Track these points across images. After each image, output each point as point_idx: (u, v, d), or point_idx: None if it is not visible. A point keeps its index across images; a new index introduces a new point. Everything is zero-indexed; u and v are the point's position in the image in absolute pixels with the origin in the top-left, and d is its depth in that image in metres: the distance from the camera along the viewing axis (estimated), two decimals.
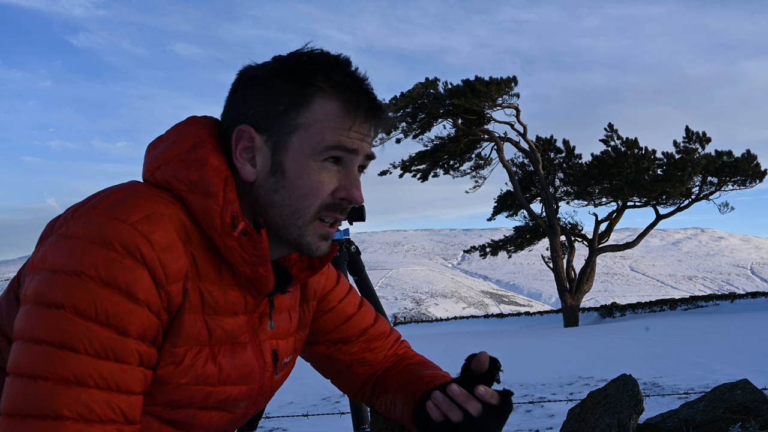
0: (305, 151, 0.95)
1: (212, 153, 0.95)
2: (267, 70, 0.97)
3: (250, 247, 0.94)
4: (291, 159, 0.95)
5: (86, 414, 0.82)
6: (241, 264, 0.95)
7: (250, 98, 0.97)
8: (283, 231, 0.98)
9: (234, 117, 0.98)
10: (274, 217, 0.98)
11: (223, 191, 0.93)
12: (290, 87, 0.95)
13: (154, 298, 0.88)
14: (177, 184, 0.95)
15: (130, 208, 0.88)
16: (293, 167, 0.95)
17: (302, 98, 0.95)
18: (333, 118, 0.95)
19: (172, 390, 0.94)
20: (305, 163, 0.95)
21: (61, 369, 0.82)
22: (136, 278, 0.86)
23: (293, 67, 0.96)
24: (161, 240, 0.88)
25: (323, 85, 0.95)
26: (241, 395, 1.04)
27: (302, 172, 0.95)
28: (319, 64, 0.96)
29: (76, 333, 0.82)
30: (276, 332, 1.09)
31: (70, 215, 0.91)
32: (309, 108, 0.95)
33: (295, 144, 0.95)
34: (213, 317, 0.96)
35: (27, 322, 0.84)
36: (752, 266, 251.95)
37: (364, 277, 2.44)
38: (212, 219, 0.93)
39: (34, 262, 0.89)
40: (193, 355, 0.94)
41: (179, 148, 0.97)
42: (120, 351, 0.85)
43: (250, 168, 0.96)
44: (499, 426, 1.01)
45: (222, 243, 0.94)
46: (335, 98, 0.96)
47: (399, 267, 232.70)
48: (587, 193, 25.97)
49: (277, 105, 0.95)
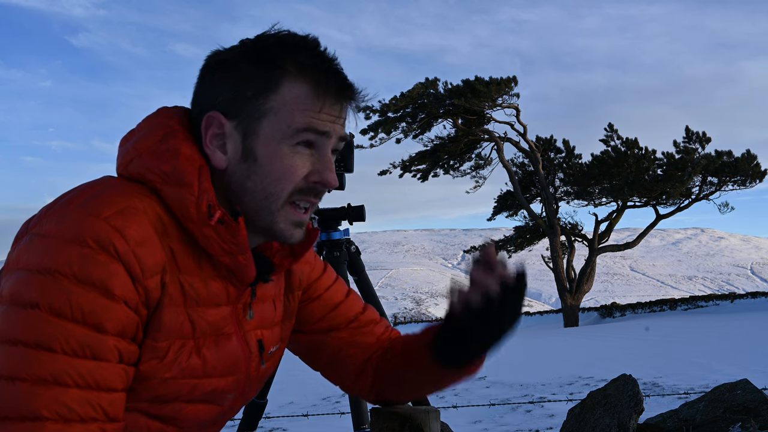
0: (276, 136, 0.94)
1: (184, 142, 0.94)
2: (234, 55, 0.96)
3: (228, 236, 0.93)
4: (262, 144, 0.94)
5: (66, 414, 0.81)
6: (220, 254, 0.94)
7: (218, 84, 0.96)
8: (256, 218, 0.97)
9: (202, 104, 0.97)
10: (248, 204, 0.96)
11: (198, 180, 0.92)
12: (258, 71, 0.94)
13: (131, 294, 0.87)
14: (150, 176, 0.93)
15: (103, 204, 0.87)
16: (265, 152, 0.94)
17: (270, 82, 0.93)
18: (302, 100, 0.94)
19: (157, 385, 0.93)
20: (277, 147, 0.94)
21: (38, 369, 0.80)
22: (111, 274, 0.84)
23: (260, 51, 0.95)
24: (136, 234, 0.87)
25: (290, 67, 0.94)
26: (228, 387, 1.03)
27: (274, 157, 0.94)
28: (286, 46, 0.95)
29: (52, 332, 0.81)
30: (260, 322, 1.08)
31: (43, 214, 0.90)
32: (277, 92, 0.94)
33: (265, 129, 0.94)
34: (195, 309, 0.95)
35: (3, 323, 0.83)
36: (752, 266, 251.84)
37: (364, 277, 2.44)
38: (188, 209, 0.92)
39: (10, 262, 0.88)
40: (177, 349, 0.93)
41: (151, 140, 0.95)
42: (98, 348, 0.84)
43: (221, 155, 0.95)
44: (521, 304, 1.03)
45: (200, 233, 0.93)
46: (303, 80, 0.94)
47: (399, 267, 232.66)
48: (587, 193, 25.97)
49: (246, 90, 0.94)
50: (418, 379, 1.19)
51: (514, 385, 7.34)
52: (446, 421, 3.87)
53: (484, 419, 5.46)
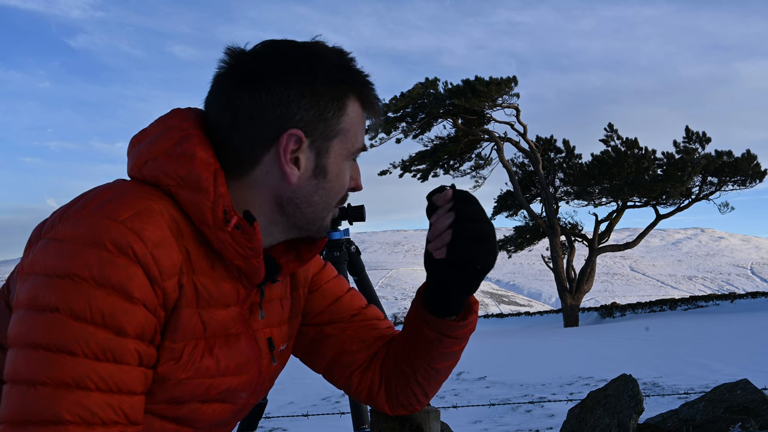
0: (343, 154, 1.01)
1: (200, 146, 0.94)
2: (304, 73, 0.96)
3: (243, 241, 0.93)
4: (332, 162, 1.00)
5: (88, 417, 0.81)
6: (235, 257, 0.95)
7: (293, 101, 0.96)
8: (311, 225, 1.03)
9: (276, 119, 0.96)
10: (308, 214, 1.01)
11: (214, 185, 0.92)
12: (332, 93, 0.98)
13: (149, 296, 0.87)
14: (166, 180, 0.93)
15: (119, 206, 0.87)
16: (333, 169, 1.00)
17: (341, 103, 0.99)
18: (359, 120, 1.02)
19: (173, 386, 0.94)
20: (342, 164, 1.01)
21: (60, 373, 0.80)
22: (129, 276, 0.84)
23: (331, 73, 0.98)
24: (153, 236, 0.87)
25: (354, 88, 1.00)
26: (241, 385, 1.04)
27: (340, 173, 1.01)
28: (350, 70, 1.00)
29: (73, 336, 0.81)
30: (269, 321, 1.09)
31: (57, 218, 0.90)
32: (346, 113, 0.99)
33: (336, 147, 0.99)
34: (207, 310, 0.95)
35: (22, 327, 0.83)
36: (752, 266, 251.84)
37: (364, 277, 2.44)
38: (204, 214, 0.92)
39: (24, 267, 0.88)
40: (191, 350, 0.94)
41: (166, 142, 0.95)
42: (118, 351, 0.84)
43: (295, 170, 0.98)
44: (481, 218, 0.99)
45: (215, 237, 0.93)
46: (360, 102, 1.01)
47: (399, 267, 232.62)
48: (587, 193, 25.97)
49: (326, 111, 0.97)
50: (421, 350, 1.15)
51: (514, 385, 7.35)
52: (446, 421, 3.87)
53: (484, 419, 5.47)
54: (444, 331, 1.11)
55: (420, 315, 1.12)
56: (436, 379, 1.19)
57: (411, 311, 1.16)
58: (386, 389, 1.21)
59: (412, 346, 1.16)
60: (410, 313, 1.16)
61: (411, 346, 1.16)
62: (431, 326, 1.11)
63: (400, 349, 1.18)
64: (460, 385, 7.61)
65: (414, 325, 1.14)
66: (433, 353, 1.14)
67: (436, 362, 1.16)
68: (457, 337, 1.13)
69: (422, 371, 1.17)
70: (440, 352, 1.14)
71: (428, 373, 1.17)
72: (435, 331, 1.11)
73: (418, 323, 1.13)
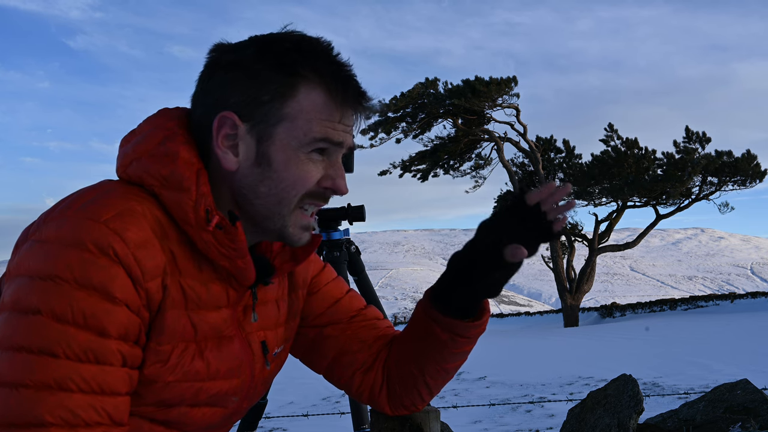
0: (292, 143, 0.94)
1: (183, 146, 0.93)
2: (249, 56, 0.94)
3: (226, 241, 0.92)
4: (277, 150, 0.94)
5: (70, 419, 0.81)
6: (219, 258, 0.94)
7: (230, 84, 0.94)
8: (267, 221, 0.97)
9: (211, 102, 0.95)
10: (258, 207, 0.96)
11: (196, 185, 0.92)
12: (275, 75, 0.93)
13: (132, 297, 0.86)
14: (149, 180, 0.93)
15: (101, 207, 0.87)
16: (280, 158, 0.94)
17: (287, 87, 0.93)
18: (320, 109, 0.94)
19: (161, 388, 0.93)
20: (292, 154, 0.94)
21: (42, 375, 0.80)
22: (111, 277, 0.84)
23: (277, 55, 0.94)
24: (135, 237, 0.87)
25: (309, 74, 0.93)
26: (232, 389, 1.03)
27: (289, 163, 0.94)
28: (304, 52, 0.94)
29: (54, 337, 0.81)
30: (263, 323, 1.07)
31: (43, 220, 0.89)
32: (295, 98, 0.93)
33: (281, 134, 0.94)
34: (197, 312, 0.95)
35: (5, 330, 0.83)
36: (752, 266, 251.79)
37: (364, 277, 2.43)
38: (186, 214, 0.91)
39: (11, 269, 0.88)
40: (180, 352, 0.93)
41: (150, 143, 0.95)
42: (101, 352, 0.84)
43: (233, 157, 0.95)
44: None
45: (198, 237, 0.92)
46: (321, 88, 0.94)
47: (399, 267, 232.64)
48: (587, 193, 25.96)
49: (262, 94, 0.93)
50: (431, 351, 1.14)
51: (514, 385, 7.35)
52: (446, 421, 3.87)
53: (484, 419, 5.47)
54: (458, 332, 1.11)
55: (431, 316, 1.11)
56: (444, 378, 1.19)
57: (418, 313, 1.15)
58: (388, 390, 1.21)
59: (421, 348, 1.15)
60: (417, 315, 1.15)
61: (420, 348, 1.15)
62: (444, 327, 1.11)
63: (406, 351, 1.17)
64: (460, 385, 7.61)
65: (423, 327, 1.13)
66: (444, 354, 1.14)
67: (447, 362, 1.16)
68: (470, 337, 1.13)
69: (431, 372, 1.17)
70: (452, 353, 1.14)
71: (438, 373, 1.17)
72: (448, 332, 1.11)
73: (429, 325, 1.12)
